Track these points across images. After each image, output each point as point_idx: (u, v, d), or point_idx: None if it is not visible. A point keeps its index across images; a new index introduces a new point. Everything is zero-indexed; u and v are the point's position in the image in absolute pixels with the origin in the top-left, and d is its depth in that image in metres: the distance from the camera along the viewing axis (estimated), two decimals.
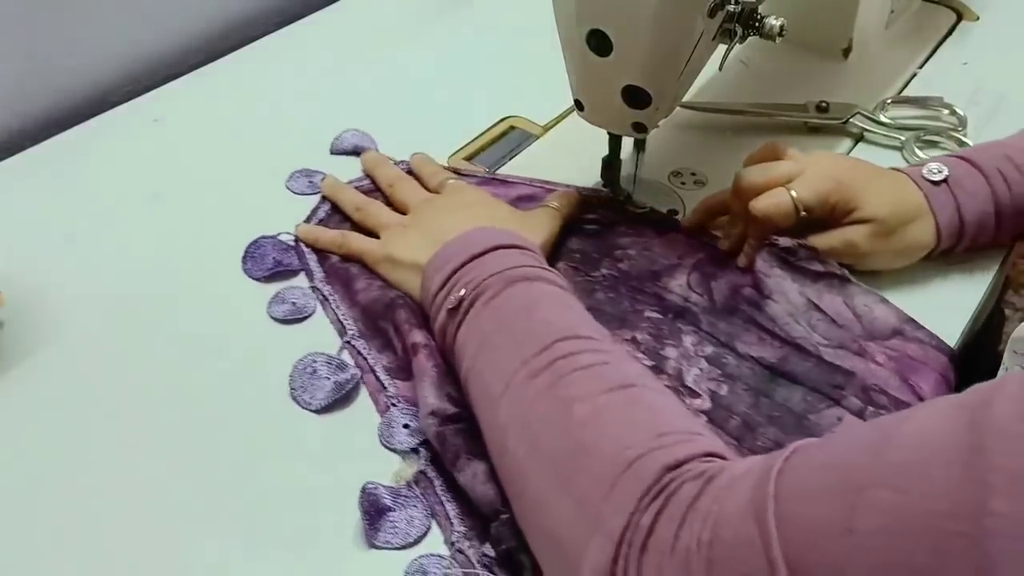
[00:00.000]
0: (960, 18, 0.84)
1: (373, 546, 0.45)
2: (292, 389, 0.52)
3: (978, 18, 0.84)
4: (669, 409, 0.42)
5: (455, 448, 0.47)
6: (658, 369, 0.53)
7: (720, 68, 0.58)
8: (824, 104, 0.71)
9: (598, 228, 0.63)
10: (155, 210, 0.65)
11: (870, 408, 0.51)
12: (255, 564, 0.45)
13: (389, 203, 0.63)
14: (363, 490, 0.46)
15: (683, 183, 0.66)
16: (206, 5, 0.82)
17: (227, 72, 0.79)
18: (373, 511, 0.46)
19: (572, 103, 0.59)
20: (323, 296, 0.58)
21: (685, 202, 0.65)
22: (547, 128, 0.73)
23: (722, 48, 0.56)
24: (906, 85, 0.77)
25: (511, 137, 0.72)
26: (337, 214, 0.64)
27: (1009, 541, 0.26)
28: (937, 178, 0.57)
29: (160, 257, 0.61)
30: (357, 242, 0.60)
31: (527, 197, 0.65)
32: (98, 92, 0.76)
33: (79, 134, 0.72)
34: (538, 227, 0.58)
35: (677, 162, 0.68)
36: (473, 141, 0.71)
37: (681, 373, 0.53)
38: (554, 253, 0.60)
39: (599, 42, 0.52)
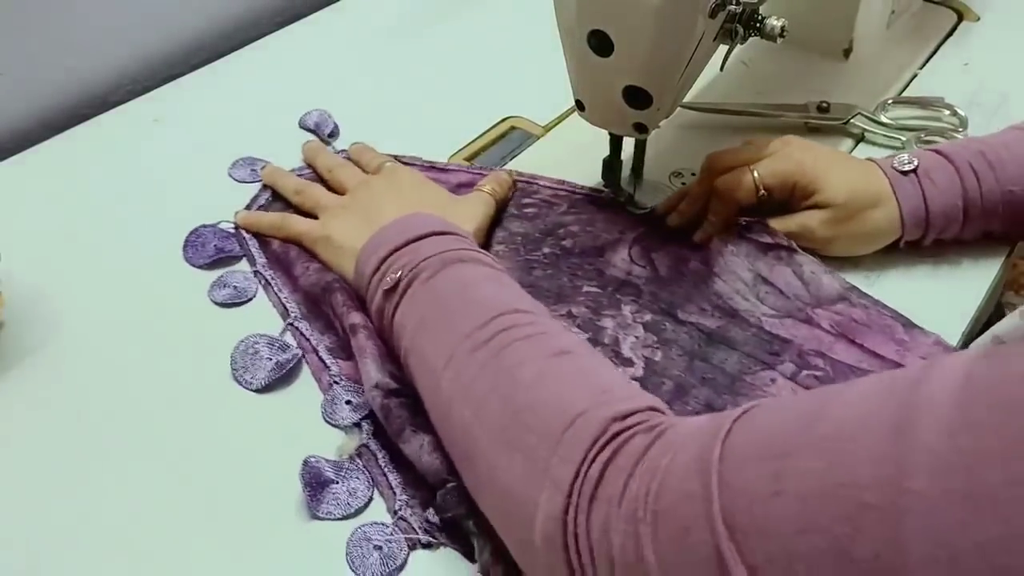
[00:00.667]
0: (961, 18, 0.84)
1: (316, 517, 0.46)
2: (234, 369, 0.53)
3: (979, 18, 0.84)
4: (609, 372, 0.43)
5: (399, 420, 0.47)
6: (595, 341, 0.55)
7: (721, 68, 0.58)
8: (825, 104, 0.71)
9: (537, 211, 0.63)
10: (155, 210, 0.65)
11: (804, 371, 0.53)
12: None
13: (330, 189, 0.63)
14: (305, 463, 0.47)
15: (684, 183, 0.66)
16: (206, 5, 0.82)
17: (227, 72, 0.79)
18: (315, 483, 0.47)
19: (573, 103, 0.59)
20: (265, 280, 0.59)
21: None
22: (548, 128, 0.73)
23: (723, 48, 0.56)
24: (907, 86, 0.76)
25: (512, 137, 0.72)
26: (278, 201, 0.65)
27: (924, 519, 0.27)
28: (906, 168, 0.57)
29: (159, 257, 0.61)
30: (296, 224, 0.60)
31: (466, 184, 0.65)
32: (98, 92, 0.76)
33: (79, 134, 0.72)
34: (471, 212, 0.59)
35: (678, 162, 0.68)
36: (474, 141, 0.71)
37: (618, 341, 0.54)
38: (496, 237, 0.61)
39: (600, 42, 0.52)
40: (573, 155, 0.67)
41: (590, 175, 0.65)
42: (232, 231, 0.62)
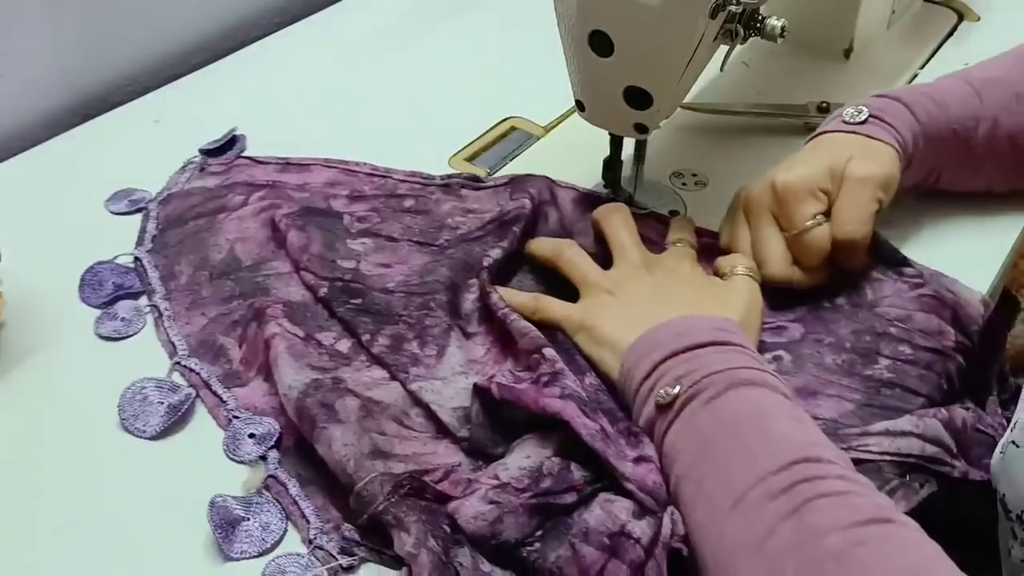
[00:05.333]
0: (961, 18, 0.84)
1: (230, 558, 0.44)
2: (122, 419, 0.50)
3: (979, 18, 0.84)
4: (935, 551, 0.37)
5: (311, 418, 0.47)
6: None
7: (722, 69, 0.57)
8: (825, 105, 0.71)
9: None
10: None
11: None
12: None
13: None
14: (211, 504, 0.45)
15: (684, 184, 0.66)
16: (207, 5, 0.82)
17: (228, 72, 0.79)
18: (225, 523, 0.45)
19: (573, 103, 0.59)
20: (159, 312, 0.56)
21: (686, 203, 0.65)
22: (548, 129, 0.73)
23: (723, 49, 0.56)
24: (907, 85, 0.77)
25: (512, 138, 0.72)
26: (171, 228, 0.62)
27: None
28: (860, 119, 0.58)
29: None
30: (551, 307, 0.54)
31: (333, 183, 0.65)
32: (98, 92, 0.76)
33: (79, 134, 0.72)
34: (737, 301, 0.52)
35: (678, 163, 0.68)
36: (474, 142, 0.71)
37: None
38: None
39: (601, 43, 0.52)
40: (573, 155, 0.67)
41: (590, 175, 0.65)
42: (131, 266, 0.59)
